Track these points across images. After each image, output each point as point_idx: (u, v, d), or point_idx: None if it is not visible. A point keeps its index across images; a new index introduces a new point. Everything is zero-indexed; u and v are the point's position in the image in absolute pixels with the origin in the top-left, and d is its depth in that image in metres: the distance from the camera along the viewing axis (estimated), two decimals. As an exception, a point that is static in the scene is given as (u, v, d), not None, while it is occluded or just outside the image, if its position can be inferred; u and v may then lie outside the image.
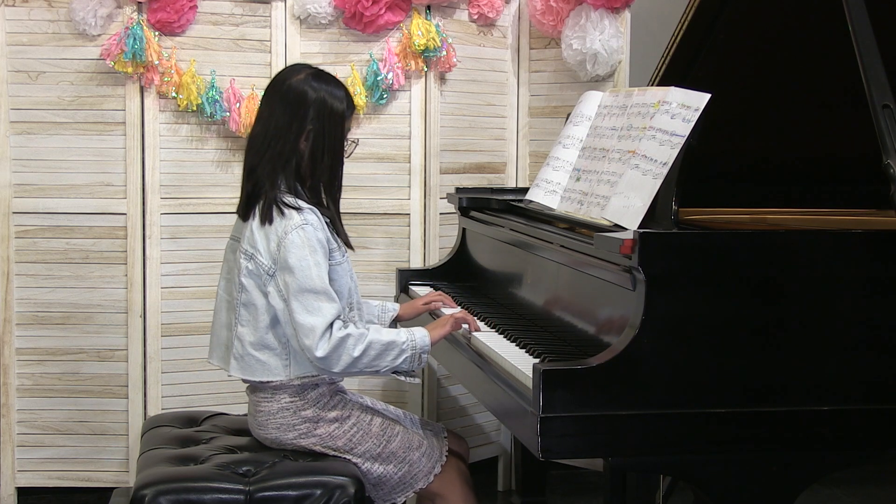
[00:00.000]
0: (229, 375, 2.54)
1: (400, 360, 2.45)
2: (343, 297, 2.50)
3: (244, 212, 2.51)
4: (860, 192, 2.83)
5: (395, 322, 2.85)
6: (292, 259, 2.40)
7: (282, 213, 2.43)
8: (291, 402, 2.50)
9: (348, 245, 2.58)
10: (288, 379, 2.48)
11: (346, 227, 2.60)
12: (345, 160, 2.57)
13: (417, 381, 2.56)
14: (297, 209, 2.44)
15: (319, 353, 2.37)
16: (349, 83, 3.52)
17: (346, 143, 2.55)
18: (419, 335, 2.48)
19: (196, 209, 3.50)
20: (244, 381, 2.54)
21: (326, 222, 2.51)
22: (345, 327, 2.41)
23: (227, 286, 2.57)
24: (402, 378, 2.52)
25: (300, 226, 2.41)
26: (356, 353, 2.39)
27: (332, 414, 2.52)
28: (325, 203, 2.53)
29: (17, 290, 3.46)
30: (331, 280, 2.45)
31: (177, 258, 3.50)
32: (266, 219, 2.44)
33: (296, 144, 2.48)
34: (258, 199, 2.47)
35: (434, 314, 2.86)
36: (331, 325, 2.38)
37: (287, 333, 2.44)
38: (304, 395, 2.50)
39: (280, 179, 2.47)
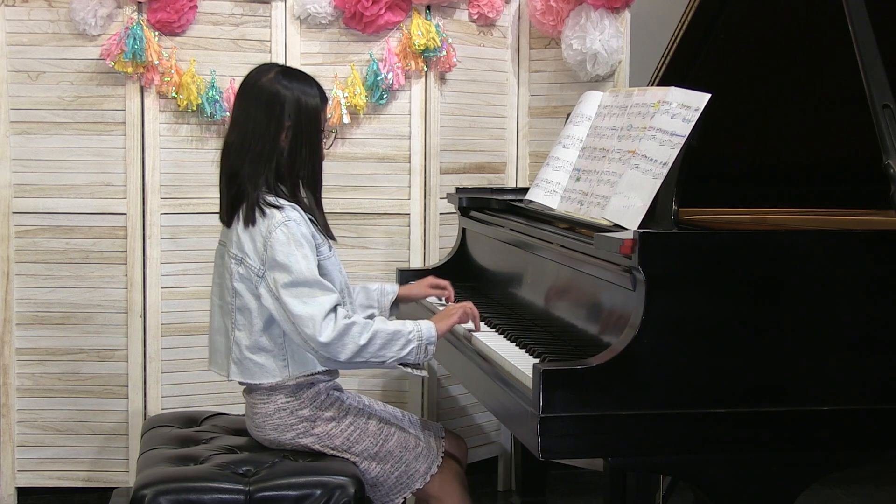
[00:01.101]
0: (229, 380, 2.54)
1: (406, 350, 2.43)
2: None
3: (227, 218, 2.51)
4: (860, 192, 2.83)
5: (396, 304, 2.84)
6: (280, 256, 2.39)
7: (263, 212, 2.43)
8: (287, 402, 2.49)
9: (331, 237, 2.57)
10: (285, 379, 2.48)
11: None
12: (325, 153, 2.57)
13: (424, 373, 2.55)
14: (279, 207, 2.44)
15: (323, 338, 2.35)
16: (349, 83, 3.52)
17: (323, 135, 2.55)
18: (425, 326, 2.47)
19: (196, 209, 3.50)
20: (241, 383, 2.55)
21: (310, 219, 2.51)
22: (348, 317, 2.40)
23: (219, 291, 2.56)
24: (409, 371, 2.50)
25: (283, 223, 2.41)
26: (362, 342, 2.38)
27: (329, 413, 2.51)
28: (304, 199, 2.52)
29: (17, 290, 3.46)
30: (322, 274, 2.45)
31: (177, 258, 3.50)
32: (249, 221, 2.44)
33: (276, 144, 2.47)
34: (241, 202, 2.47)
35: (431, 309, 2.85)
36: (332, 311, 2.37)
37: (286, 331, 2.43)
38: (300, 394, 2.50)
39: (262, 180, 2.47)
